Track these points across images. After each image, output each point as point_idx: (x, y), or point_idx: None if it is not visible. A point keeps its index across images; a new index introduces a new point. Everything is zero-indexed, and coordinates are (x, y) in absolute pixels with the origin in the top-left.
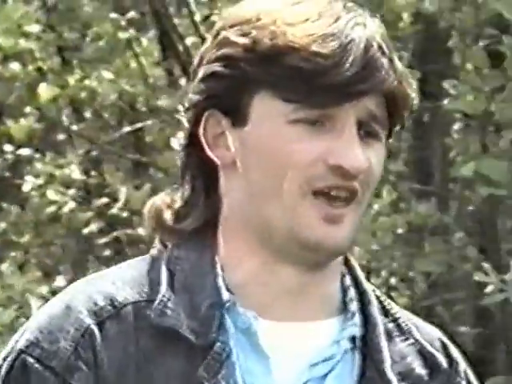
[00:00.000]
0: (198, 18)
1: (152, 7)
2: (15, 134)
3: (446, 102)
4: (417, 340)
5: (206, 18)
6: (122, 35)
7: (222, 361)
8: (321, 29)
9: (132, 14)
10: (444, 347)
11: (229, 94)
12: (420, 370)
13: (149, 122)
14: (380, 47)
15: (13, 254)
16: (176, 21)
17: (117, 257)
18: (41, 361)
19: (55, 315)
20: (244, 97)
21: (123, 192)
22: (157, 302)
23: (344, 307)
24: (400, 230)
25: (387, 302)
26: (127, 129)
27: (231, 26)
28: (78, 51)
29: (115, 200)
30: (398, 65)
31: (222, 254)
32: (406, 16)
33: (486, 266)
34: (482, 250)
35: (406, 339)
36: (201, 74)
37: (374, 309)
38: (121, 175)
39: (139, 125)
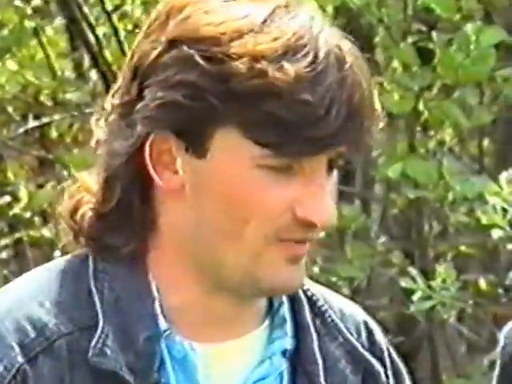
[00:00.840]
0: (109, 7)
1: None
2: None
3: None
4: (346, 339)
5: (117, 8)
6: (28, 24)
7: None
8: (304, 68)
9: (37, 1)
10: (369, 334)
11: (188, 123)
12: (352, 377)
13: (56, 117)
14: (362, 84)
15: None
16: (85, 9)
17: (17, 259)
18: None
19: None
20: (205, 128)
21: (23, 191)
22: (95, 339)
23: (270, 308)
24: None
25: (311, 292)
26: (32, 124)
27: (193, 41)
28: None
29: (17, 199)
30: (373, 99)
31: (156, 275)
32: (329, 10)
33: (412, 271)
34: (408, 254)
35: (335, 339)
36: (154, 95)
37: (305, 310)
38: (24, 173)
39: (45, 119)
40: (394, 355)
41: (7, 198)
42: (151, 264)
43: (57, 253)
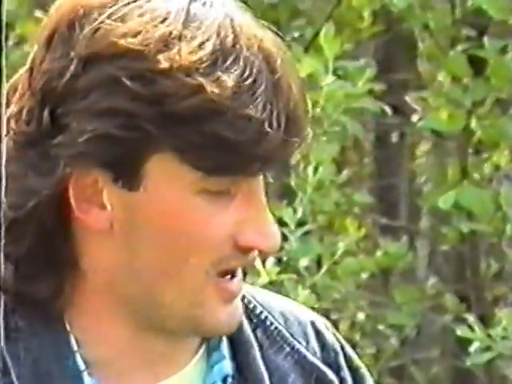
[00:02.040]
0: None
1: None
2: None
3: (414, 118)
4: (293, 348)
5: None
6: None
7: None
8: (238, 78)
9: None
10: (318, 335)
11: (117, 153)
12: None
13: None
14: (293, 83)
15: None
16: None
17: None
18: None
19: None
20: (138, 157)
21: None
22: None
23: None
24: (364, 274)
25: (247, 299)
26: None
27: (113, 57)
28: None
29: None
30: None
31: (79, 327)
32: (366, 15)
33: (469, 318)
34: (462, 298)
35: (281, 349)
36: (76, 127)
37: (243, 322)
38: None
39: None
40: (351, 353)
41: None
42: (73, 315)
43: None
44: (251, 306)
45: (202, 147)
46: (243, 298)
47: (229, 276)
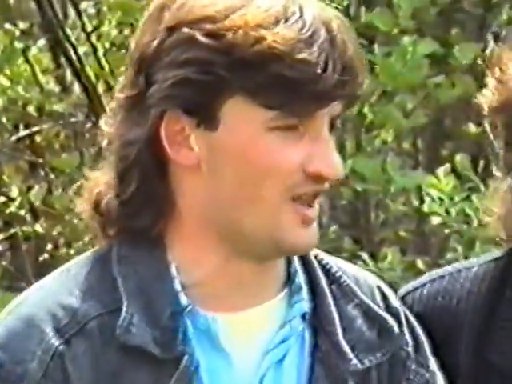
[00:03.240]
0: (88, 28)
1: (44, 18)
2: None
3: None
4: (361, 300)
5: (95, 29)
6: (18, 45)
7: (191, 375)
8: (297, 31)
9: (24, 24)
10: (384, 298)
11: (197, 98)
12: (369, 333)
13: (44, 126)
14: (351, 44)
15: None
16: (68, 31)
17: (11, 251)
18: (8, 383)
19: (16, 333)
20: (215, 101)
21: (16, 191)
22: (121, 318)
23: (289, 278)
24: None
25: (325, 261)
26: (23, 132)
27: (192, 23)
28: None
29: (11, 199)
30: (362, 55)
31: (175, 253)
32: None
33: (363, 255)
34: (357, 240)
35: (350, 300)
36: (164, 76)
37: (320, 277)
38: (16, 176)
39: (35, 128)
40: (411, 318)
41: (2, 198)
42: (171, 244)
43: (48, 245)
44: (328, 266)
45: (268, 88)
46: (321, 260)
47: (306, 204)
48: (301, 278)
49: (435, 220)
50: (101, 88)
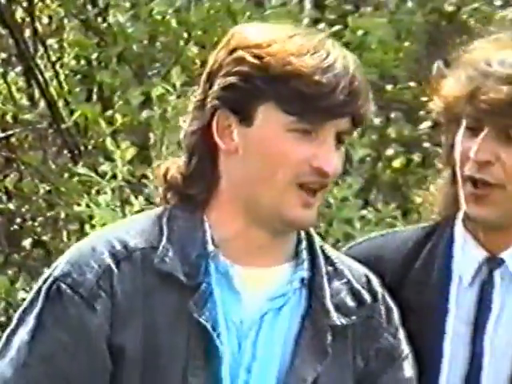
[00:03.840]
0: (53, 58)
1: (19, 50)
2: None
3: None
4: (348, 280)
5: (58, 59)
6: None
7: (207, 297)
8: (318, 62)
9: (4, 55)
10: (368, 282)
11: (241, 101)
12: (350, 302)
13: (17, 130)
14: (359, 79)
15: None
16: (37, 60)
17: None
18: (72, 287)
19: (83, 253)
20: (252, 104)
21: None
22: (159, 251)
23: (296, 255)
24: None
25: (328, 250)
26: (1, 134)
27: (245, 47)
28: None
29: None
30: (368, 90)
31: (211, 215)
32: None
33: None
34: None
35: (340, 279)
36: (220, 82)
37: (320, 258)
38: None
39: (10, 132)
40: (388, 298)
41: None
42: (209, 209)
43: (18, 219)
44: (329, 254)
45: (290, 99)
46: (325, 249)
47: (310, 192)
48: (305, 256)
49: None
50: (60, 103)
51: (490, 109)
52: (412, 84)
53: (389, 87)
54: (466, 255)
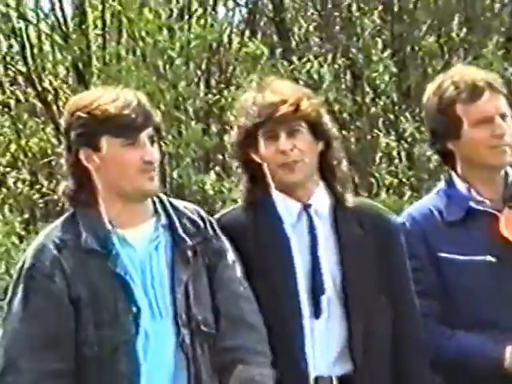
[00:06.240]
0: None
1: None
2: None
3: None
4: (188, 216)
5: None
6: None
7: (116, 256)
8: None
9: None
10: (199, 214)
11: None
12: (192, 229)
13: None
14: (149, 110)
15: None
16: None
17: None
18: (38, 272)
19: (39, 249)
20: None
21: None
22: (83, 238)
23: (156, 212)
24: None
25: (172, 201)
26: None
27: (78, 110)
28: None
29: None
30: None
31: (101, 206)
32: None
33: None
34: None
35: (184, 217)
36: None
37: (169, 209)
38: None
39: None
40: (214, 221)
41: None
42: (98, 203)
43: None
44: (174, 204)
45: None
46: (172, 202)
47: (151, 175)
48: (161, 211)
49: None
50: None
51: (282, 121)
52: None
53: None
54: (288, 206)
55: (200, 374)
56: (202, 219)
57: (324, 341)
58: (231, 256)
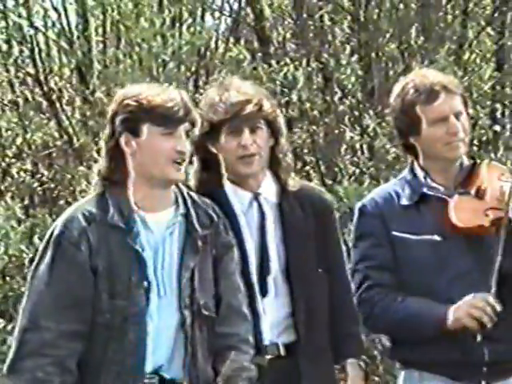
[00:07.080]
0: None
1: None
2: None
3: None
4: (204, 209)
5: None
6: None
7: (136, 234)
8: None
9: None
10: (213, 208)
11: (131, 125)
12: (206, 220)
13: None
14: (189, 103)
15: None
16: None
17: None
18: (66, 240)
19: (69, 219)
20: (138, 125)
21: None
22: (110, 214)
23: (176, 202)
24: None
25: (192, 195)
26: None
27: (127, 98)
28: None
29: None
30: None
31: (130, 188)
32: None
33: None
34: None
35: (200, 209)
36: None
37: (187, 199)
38: None
39: None
40: (222, 216)
41: None
42: (127, 185)
43: None
44: (193, 197)
45: (158, 118)
46: (191, 194)
47: (180, 166)
48: (180, 201)
49: None
50: None
51: (246, 119)
52: None
53: None
54: (240, 196)
55: (196, 353)
56: (217, 214)
57: (274, 316)
58: (235, 252)
